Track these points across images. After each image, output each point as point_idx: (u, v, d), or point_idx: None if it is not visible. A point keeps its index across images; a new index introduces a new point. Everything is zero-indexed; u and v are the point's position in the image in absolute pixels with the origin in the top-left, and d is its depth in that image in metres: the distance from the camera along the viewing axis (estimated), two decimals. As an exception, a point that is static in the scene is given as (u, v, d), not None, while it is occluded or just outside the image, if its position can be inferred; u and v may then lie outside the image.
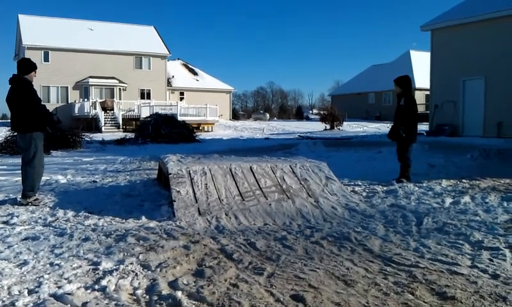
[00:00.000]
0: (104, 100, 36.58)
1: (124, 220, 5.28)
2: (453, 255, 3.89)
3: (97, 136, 25.08)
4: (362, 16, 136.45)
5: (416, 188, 7.05)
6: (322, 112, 41.26)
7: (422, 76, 36.96)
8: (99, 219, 5.33)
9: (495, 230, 4.64)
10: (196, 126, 29.75)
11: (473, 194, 6.59)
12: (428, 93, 23.02)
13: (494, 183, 7.55)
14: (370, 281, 3.30)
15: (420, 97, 39.16)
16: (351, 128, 33.23)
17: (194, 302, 2.96)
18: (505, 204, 5.95)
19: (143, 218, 5.32)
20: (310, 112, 78.06)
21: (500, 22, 18.34)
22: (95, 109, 34.58)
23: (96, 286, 3.21)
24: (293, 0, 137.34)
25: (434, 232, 4.64)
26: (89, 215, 5.54)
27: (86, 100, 36.41)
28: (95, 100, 35.56)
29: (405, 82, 7.91)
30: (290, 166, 6.74)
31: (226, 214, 5.35)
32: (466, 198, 6.31)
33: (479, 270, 3.51)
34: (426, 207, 5.84)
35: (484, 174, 8.23)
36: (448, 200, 6.22)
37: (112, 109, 35.27)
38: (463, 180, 7.74)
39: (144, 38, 42.77)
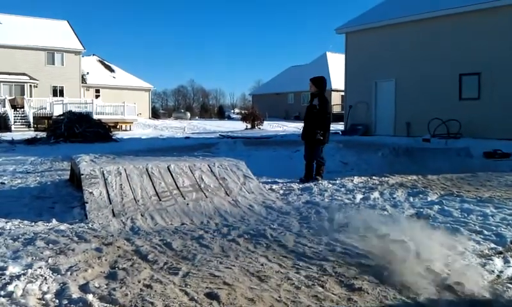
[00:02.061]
0: (13, 97, 34.46)
1: (33, 223, 5.03)
2: (362, 248, 4.08)
3: (6, 135, 23.62)
4: (282, 17, 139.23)
5: (330, 185, 7.33)
6: (243, 111, 41.65)
7: (338, 77, 38.34)
8: (6, 222, 5.02)
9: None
10: (113, 125, 28.84)
11: (382, 190, 6.95)
12: (343, 93, 23.98)
13: (402, 179, 8.01)
14: (283, 276, 3.39)
15: (336, 98, 40.78)
16: (271, 127, 33.81)
17: (105, 304, 2.89)
18: (411, 199, 6.33)
19: (54, 221, 5.10)
20: (232, 111, 78.45)
21: (410, 25, 19.48)
22: (4, 106, 32.44)
23: (2, 292, 3.05)
24: None
25: (344, 227, 4.84)
26: (-5, 218, 5.21)
27: (-6, 97, 34.10)
28: (3, 98, 33.33)
29: (320, 83, 8.13)
30: (208, 165, 6.74)
31: (142, 215, 5.26)
32: (376, 194, 6.64)
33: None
34: (338, 203, 6.08)
35: (393, 171, 8.70)
36: (359, 196, 6.53)
37: (23, 107, 33.30)
38: (374, 177, 8.14)
39: (57, 32, 40.77)
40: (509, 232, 4.48)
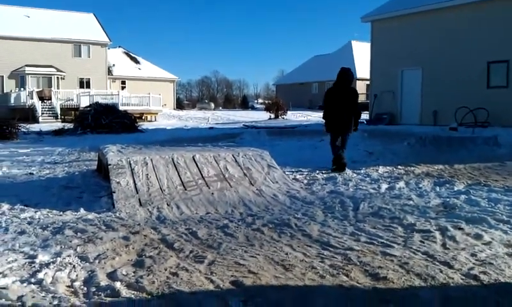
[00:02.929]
0: (41, 89, 35.15)
1: (62, 213, 5.15)
2: (387, 238, 4.07)
3: (34, 127, 24.08)
4: (305, 5, 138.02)
5: (355, 175, 7.29)
6: (267, 101, 41.59)
7: (363, 66, 37.93)
8: (36, 212, 5.16)
9: (426, 214, 4.89)
10: (138, 116, 29.17)
11: (408, 180, 6.89)
12: (368, 83, 23.72)
13: (428, 169, 7.92)
14: (307, 265, 3.40)
15: (361, 87, 40.31)
16: (295, 117, 33.68)
17: (133, 291, 2.95)
18: (437, 189, 6.26)
19: (82, 210, 5.21)
20: (256, 101, 78.34)
21: (437, 13, 19.09)
22: (32, 98, 33.18)
23: (33, 279, 3.14)
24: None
25: (369, 216, 4.83)
26: (26, 208, 5.36)
27: (22, 89, 34.80)
28: (31, 90, 34.08)
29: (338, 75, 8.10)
30: (232, 155, 6.79)
31: (167, 204, 5.33)
32: (401, 184, 6.59)
33: (410, 252, 3.69)
34: (363, 193, 6.06)
35: (419, 161, 8.60)
36: (384, 186, 6.48)
37: (50, 99, 33.96)
38: (399, 167, 8.07)
39: (83, 25, 41.31)
40: (538, 222, 4.40)
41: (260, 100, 79.67)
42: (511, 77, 17.07)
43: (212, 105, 61.16)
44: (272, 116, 32.54)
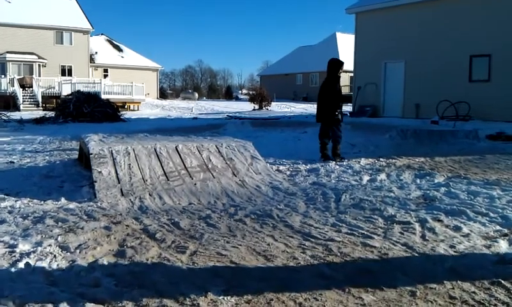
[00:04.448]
0: (22, 76, 34.59)
1: (42, 202, 5.10)
2: (367, 229, 4.12)
3: (15, 115, 23.77)
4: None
5: (337, 167, 7.35)
6: (251, 92, 41.46)
7: (347, 58, 37.95)
8: (16, 201, 5.10)
9: (407, 206, 4.95)
10: (121, 105, 28.94)
11: (389, 172, 6.96)
12: (352, 74, 23.82)
13: (409, 161, 8.01)
14: (289, 256, 3.43)
15: (345, 79, 40.47)
16: (279, 108, 33.72)
17: (114, 281, 2.95)
18: (418, 181, 6.34)
19: (63, 199, 5.17)
20: (240, 92, 78.11)
21: (420, 6, 19.23)
22: (13, 86, 32.61)
23: (13, 269, 3.12)
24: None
25: (351, 208, 4.87)
26: (6, 197, 5.28)
27: (3, 76, 34.13)
28: (12, 77, 33.49)
29: (327, 65, 8.20)
30: (216, 146, 6.78)
31: (150, 194, 5.31)
32: (382, 176, 6.66)
33: (390, 243, 3.74)
34: (345, 184, 6.11)
35: (401, 153, 8.70)
36: (366, 177, 6.54)
37: (32, 86, 33.42)
38: (381, 159, 8.14)
39: (65, 11, 40.64)
40: (515, 215, 4.49)
41: (244, 91, 79.40)
42: (492, 71, 17.29)
43: (196, 95, 60.75)
44: (257, 106, 32.55)
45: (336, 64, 8.15)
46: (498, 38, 16.85)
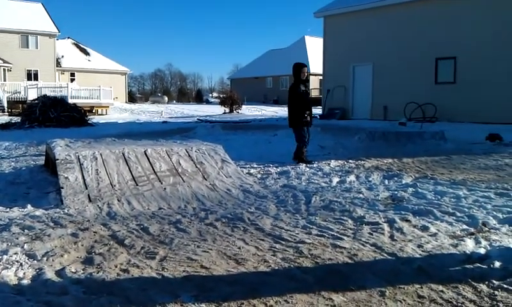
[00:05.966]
0: (-14, 81, 33.66)
1: (8, 209, 4.96)
2: (337, 230, 4.15)
3: (-22, 120, 23.07)
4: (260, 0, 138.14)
5: (307, 169, 7.39)
6: (221, 95, 41.35)
7: (316, 61, 38.39)
8: (-21, 209, 4.95)
9: (375, 206, 5.02)
10: (88, 109, 28.42)
11: (358, 174, 7.04)
12: (321, 77, 24.02)
13: (378, 162, 8.12)
14: (260, 259, 3.43)
15: (314, 82, 40.84)
16: (249, 111, 33.72)
17: (82, 289, 2.88)
18: (386, 182, 6.43)
19: (29, 206, 5.04)
20: (210, 95, 77.92)
21: (387, 10, 19.57)
22: (-23, 91, 31.70)
23: (-23, 279, 3.01)
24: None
25: (321, 210, 4.91)
26: (-32, 205, 5.13)
27: (-34, 81, 33.22)
28: (-24, 82, 32.58)
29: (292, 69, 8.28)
30: (185, 150, 6.73)
31: (118, 200, 5.23)
32: (352, 177, 6.73)
33: (359, 244, 3.78)
34: (315, 186, 6.15)
35: (369, 155, 8.81)
36: (336, 179, 6.60)
37: (-4, 92, 32.53)
38: (350, 161, 8.23)
39: (31, 15, 39.76)
40: (481, 214, 4.60)
41: (214, 94, 79.25)
42: (458, 73, 17.70)
43: (166, 98, 60.35)
44: (227, 110, 32.45)
45: (297, 67, 8.23)
46: (463, 40, 17.27)
